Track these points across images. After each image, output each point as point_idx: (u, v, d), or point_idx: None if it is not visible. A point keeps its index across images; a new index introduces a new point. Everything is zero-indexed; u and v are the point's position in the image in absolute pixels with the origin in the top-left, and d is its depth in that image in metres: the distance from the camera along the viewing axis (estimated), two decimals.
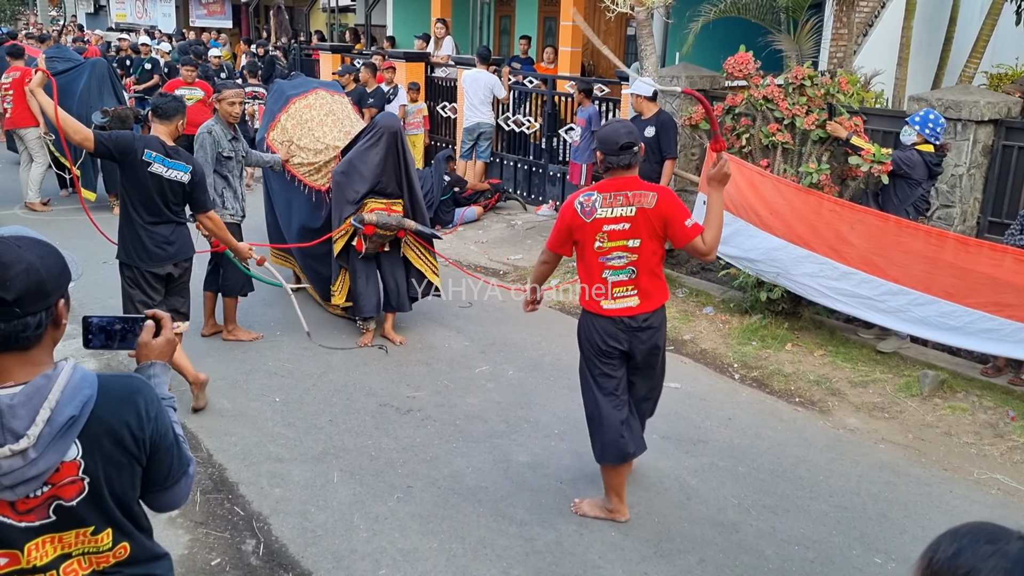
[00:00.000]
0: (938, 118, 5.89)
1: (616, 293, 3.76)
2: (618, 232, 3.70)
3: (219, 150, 5.84)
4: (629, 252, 3.71)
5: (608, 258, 3.73)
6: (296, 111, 7.01)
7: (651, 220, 3.67)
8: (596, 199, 3.72)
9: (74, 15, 30.23)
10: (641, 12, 7.20)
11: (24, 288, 1.57)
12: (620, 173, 3.72)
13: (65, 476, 1.62)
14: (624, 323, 3.77)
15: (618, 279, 3.75)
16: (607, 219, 3.70)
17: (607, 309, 3.77)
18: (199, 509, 4.07)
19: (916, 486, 4.49)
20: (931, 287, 5.38)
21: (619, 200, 3.69)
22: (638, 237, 3.69)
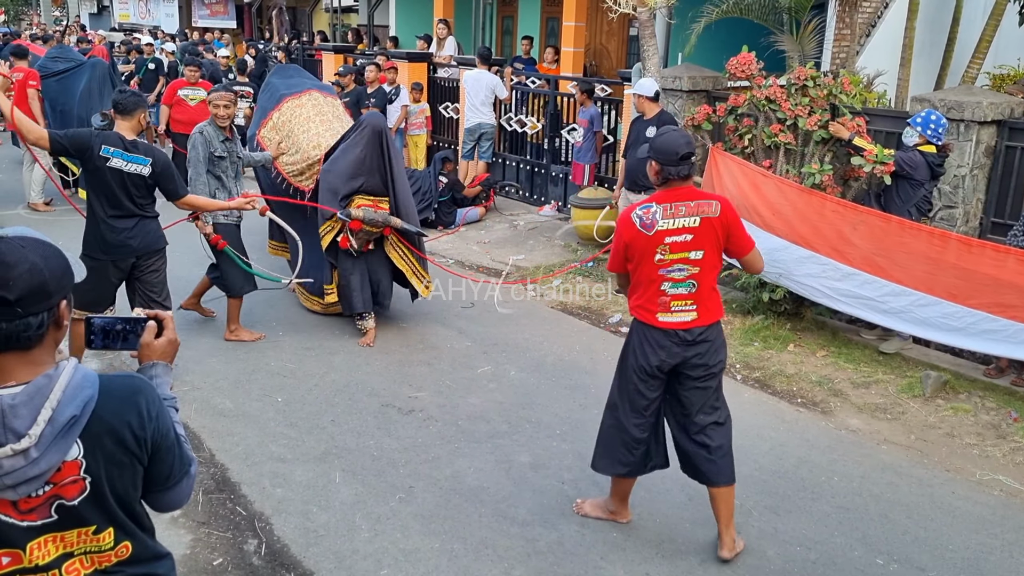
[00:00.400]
0: (940, 119, 5.89)
1: (675, 307, 3.61)
2: (680, 244, 3.56)
3: (211, 150, 5.87)
4: (691, 264, 3.58)
5: (669, 271, 3.58)
6: (288, 110, 7.02)
7: (716, 230, 3.56)
8: (656, 210, 3.56)
9: (77, 15, 30.29)
10: (644, 13, 7.20)
11: (27, 288, 1.57)
12: (678, 184, 3.58)
13: (67, 476, 1.63)
14: (679, 336, 3.61)
15: (677, 292, 3.60)
16: (669, 231, 3.55)
17: (663, 322, 3.62)
18: (201, 509, 4.08)
19: (918, 487, 4.49)
20: (934, 288, 5.38)
21: (681, 211, 3.55)
22: (701, 249, 3.57)
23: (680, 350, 3.62)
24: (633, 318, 3.76)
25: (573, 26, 12.58)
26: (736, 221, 3.63)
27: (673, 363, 3.65)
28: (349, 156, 6.09)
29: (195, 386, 5.36)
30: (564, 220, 9.68)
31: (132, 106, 5.06)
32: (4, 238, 1.60)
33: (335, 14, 17.81)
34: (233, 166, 6.06)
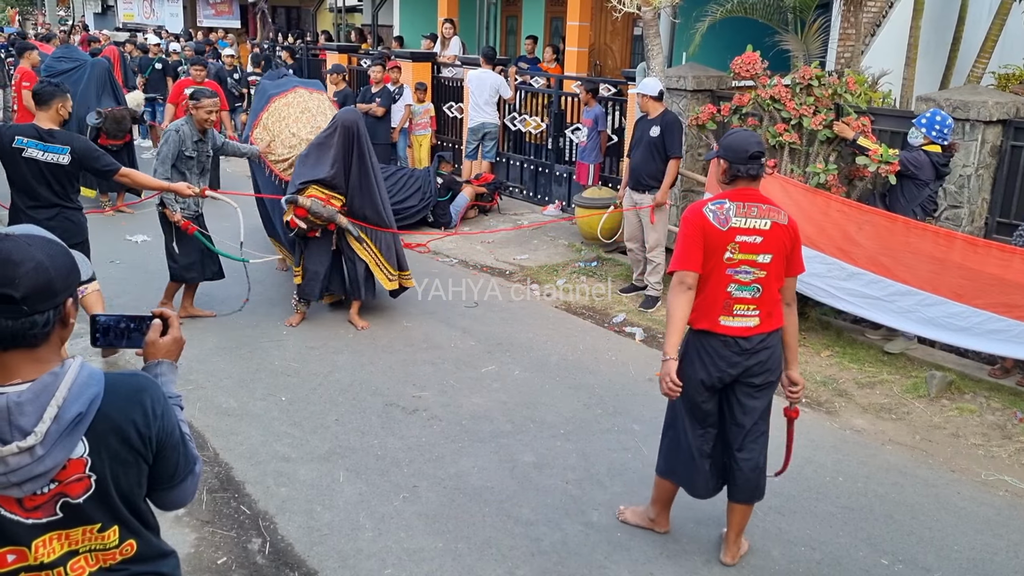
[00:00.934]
0: (945, 119, 5.87)
1: (737, 310, 3.46)
2: (750, 245, 3.41)
3: (182, 148, 6.05)
4: (757, 268, 3.43)
5: (736, 271, 3.43)
6: (276, 109, 7.24)
7: (783, 238, 3.45)
8: (729, 207, 3.43)
9: (82, 15, 30.34)
10: (648, 12, 7.20)
11: (32, 286, 1.58)
12: (746, 184, 3.49)
13: (72, 474, 1.63)
14: (739, 345, 3.48)
15: (742, 295, 3.45)
16: (741, 229, 3.41)
17: (724, 326, 3.47)
18: (205, 508, 4.08)
19: (923, 487, 4.47)
20: (939, 288, 5.37)
21: (754, 211, 3.43)
22: (770, 253, 3.43)
23: (740, 359, 3.49)
24: (688, 328, 3.56)
25: (577, 25, 12.58)
26: (799, 237, 3.54)
27: (734, 374, 3.51)
28: (317, 149, 6.29)
29: (199, 385, 5.37)
30: (568, 220, 9.68)
31: (48, 96, 5.14)
32: (10, 236, 1.60)
33: (339, 14, 17.81)
34: (200, 165, 6.24)
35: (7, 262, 1.56)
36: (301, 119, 7.10)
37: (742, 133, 3.60)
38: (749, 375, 3.52)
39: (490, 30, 13.37)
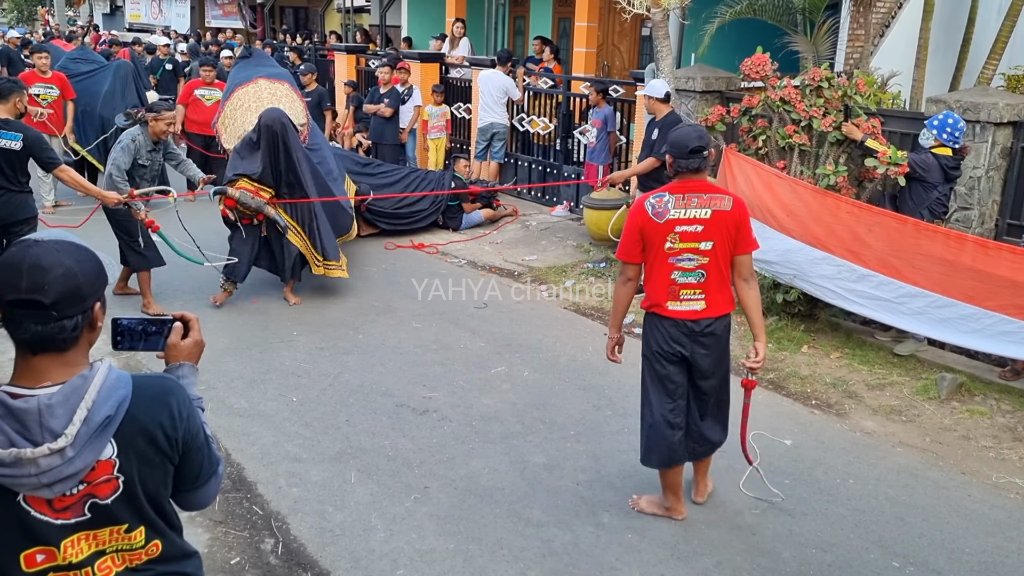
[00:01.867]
0: (957, 122, 5.86)
1: (683, 295, 3.72)
2: (690, 234, 3.66)
3: (137, 157, 6.45)
4: (700, 255, 3.68)
5: (678, 259, 3.69)
6: (238, 99, 7.65)
7: (727, 224, 3.66)
8: (668, 200, 3.68)
9: (90, 15, 30.44)
10: (657, 13, 7.20)
11: (62, 292, 1.60)
12: (690, 176, 3.70)
13: (100, 475, 1.65)
14: (687, 327, 3.73)
15: (687, 281, 3.71)
16: (680, 220, 3.66)
17: (672, 310, 3.74)
18: (218, 508, 4.10)
19: (934, 490, 4.47)
20: (950, 290, 5.36)
21: (693, 202, 3.66)
22: (711, 240, 3.66)
23: (688, 341, 3.74)
24: (644, 312, 3.89)
25: (585, 26, 12.58)
26: (747, 219, 3.73)
27: (687, 353, 3.77)
28: (247, 146, 6.73)
29: (210, 385, 5.39)
30: (576, 220, 9.69)
31: (7, 92, 5.82)
32: (39, 242, 1.62)
33: (347, 14, 17.84)
34: (152, 173, 6.65)
35: (36, 268, 1.58)
36: (253, 109, 7.42)
37: (686, 129, 3.82)
38: (697, 359, 3.79)
39: (498, 31, 13.38)
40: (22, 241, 1.64)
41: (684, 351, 3.77)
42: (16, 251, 1.61)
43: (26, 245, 1.61)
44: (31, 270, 1.58)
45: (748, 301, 3.83)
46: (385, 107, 10.63)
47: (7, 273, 1.59)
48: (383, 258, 8.48)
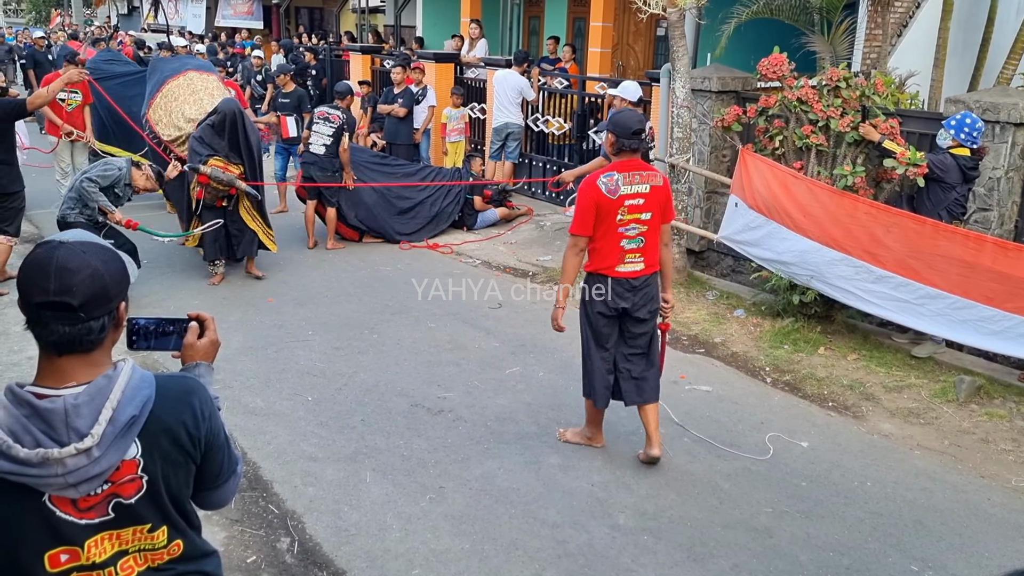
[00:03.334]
0: (975, 122, 5.81)
1: (628, 259, 4.35)
2: (635, 206, 4.27)
3: (115, 186, 6.86)
4: (641, 224, 4.30)
5: (626, 229, 4.29)
6: (169, 90, 8.27)
7: (660, 197, 4.33)
8: (618, 178, 4.24)
9: (108, 16, 30.65)
10: (673, 13, 7.17)
11: (90, 293, 1.60)
12: (629, 155, 4.29)
13: (125, 474, 1.65)
14: (630, 283, 4.38)
15: (631, 247, 4.33)
16: (628, 195, 4.25)
17: (619, 272, 4.36)
18: (234, 507, 4.11)
19: (953, 493, 4.44)
20: (970, 291, 5.31)
21: (636, 179, 4.27)
22: (650, 211, 4.30)
23: (630, 295, 4.39)
24: (587, 274, 4.48)
25: (600, 26, 12.56)
26: (670, 193, 4.47)
27: (625, 306, 4.40)
28: (210, 130, 7.40)
29: (226, 384, 5.41)
30: None
31: None
32: (65, 243, 1.62)
33: (362, 15, 17.88)
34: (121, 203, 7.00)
35: (64, 270, 1.59)
36: (190, 100, 8.19)
37: (627, 112, 4.47)
38: (636, 308, 4.42)
39: (513, 31, 13.37)
40: (47, 242, 1.64)
41: (626, 304, 4.40)
42: (42, 253, 1.61)
43: (52, 247, 1.62)
44: (59, 272, 1.58)
45: (666, 261, 4.56)
46: (399, 107, 10.64)
47: (35, 275, 1.59)
48: (398, 258, 8.50)
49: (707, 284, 7.58)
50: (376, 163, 9.33)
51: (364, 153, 9.50)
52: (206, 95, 8.30)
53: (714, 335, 6.52)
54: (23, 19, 36.66)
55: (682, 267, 7.63)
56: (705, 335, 6.51)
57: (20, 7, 37.81)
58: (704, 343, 6.40)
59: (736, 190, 6.81)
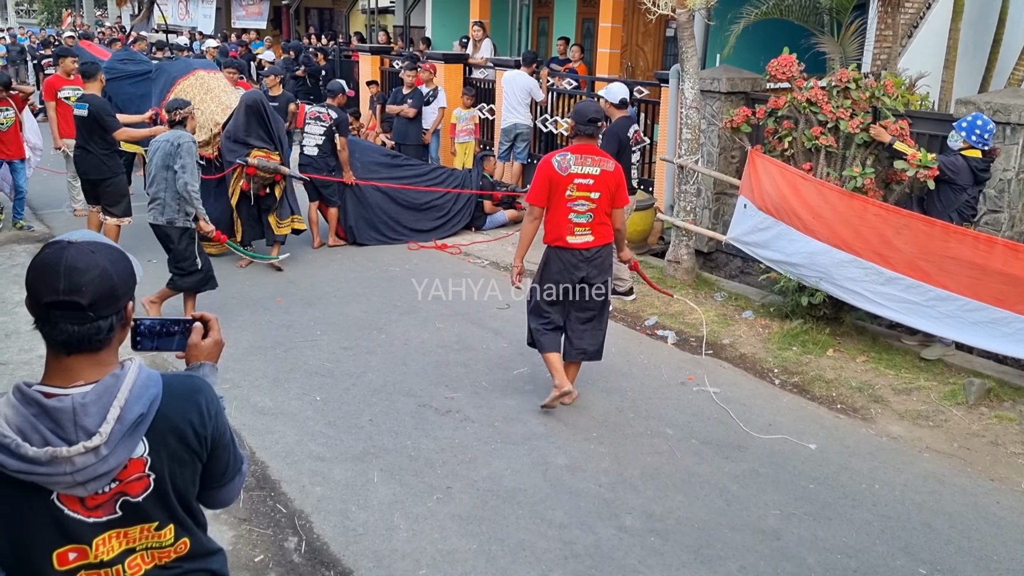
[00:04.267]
0: (986, 123, 5.78)
1: (578, 231, 4.91)
2: (584, 185, 4.84)
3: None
4: (590, 201, 4.86)
5: (574, 204, 4.86)
6: (182, 90, 8.26)
7: (609, 180, 4.86)
8: (570, 158, 4.85)
9: (119, 16, 30.78)
10: (682, 14, 7.16)
11: (98, 293, 1.61)
12: (585, 140, 4.91)
13: (132, 473, 1.66)
14: (582, 254, 4.93)
15: (580, 221, 4.89)
16: (578, 174, 4.83)
17: (570, 243, 4.92)
18: (242, 506, 4.13)
19: (962, 496, 4.42)
20: (980, 293, 5.29)
21: (588, 161, 4.85)
22: (599, 191, 4.85)
23: (583, 264, 4.94)
24: (547, 246, 5.03)
25: (609, 27, 12.55)
26: (623, 180, 4.98)
27: (580, 275, 4.95)
28: (238, 123, 7.73)
29: (235, 384, 5.43)
30: None
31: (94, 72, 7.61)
32: (74, 243, 1.63)
33: (372, 15, 17.91)
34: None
35: (74, 270, 1.59)
36: (206, 99, 8.31)
37: (587, 103, 5.10)
38: (590, 278, 4.98)
39: (522, 31, 13.37)
40: (56, 242, 1.65)
41: (580, 273, 4.94)
42: (51, 253, 1.62)
43: (60, 247, 1.62)
44: (68, 272, 1.59)
45: (620, 239, 5.20)
46: (408, 107, 10.66)
47: (45, 275, 1.60)
48: (406, 258, 8.51)
49: (715, 285, 7.57)
50: (387, 162, 9.32)
51: (375, 152, 9.49)
52: (221, 92, 8.44)
53: (722, 336, 6.51)
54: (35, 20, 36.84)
55: (691, 268, 7.61)
56: (713, 336, 6.49)
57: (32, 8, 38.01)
58: (712, 344, 6.38)
59: (745, 191, 6.80)
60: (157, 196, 6.15)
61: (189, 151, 6.08)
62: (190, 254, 6.25)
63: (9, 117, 8.77)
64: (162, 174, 6.08)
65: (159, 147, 6.13)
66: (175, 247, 6.23)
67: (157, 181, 6.12)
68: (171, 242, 6.22)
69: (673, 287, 7.45)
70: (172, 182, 6.06)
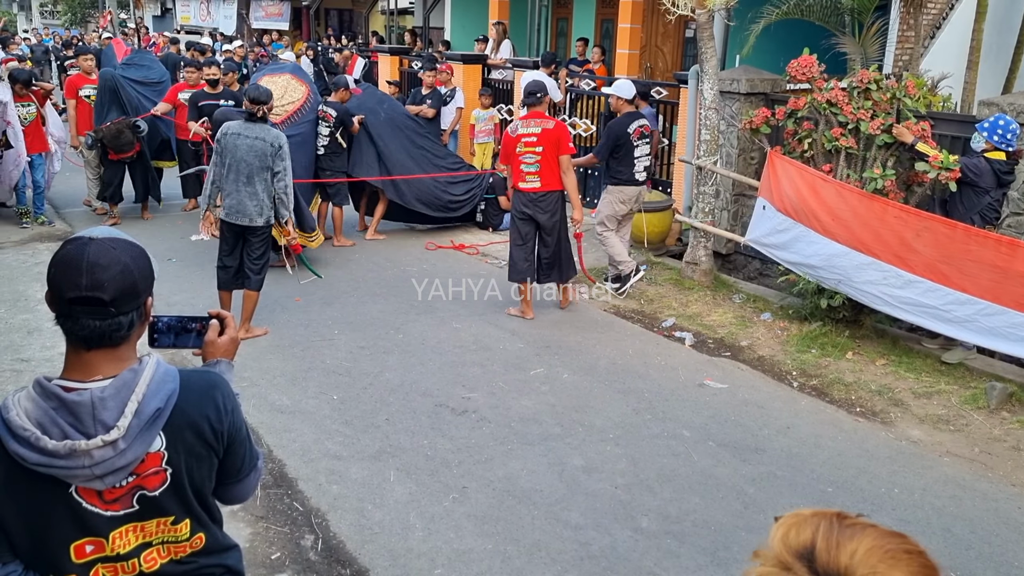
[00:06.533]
0: (1008, 123, 5.72)
1: (528, 179, 6.51)
2: (530, 142, 6.45)
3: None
4: (535, 154, 6.45)
5: (524, 156, 6.47)
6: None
7: (550, 136, 6.44)
8: (519, 124, 6.58)
9: (140, 16, 31.01)
10: (702, 15, 7.13)
11: (120, 289, 1.63)
12: (531, 109, 6.56)
13: (149, 467, 1.68)
14: (529, 196, 6.53)
15: (529, 170, 6.48)
16: (524, 134, 6.48)
17: (522, 187, 6.54)
18: (260, 503, 4.15)
19: (982, 501, 4.37)
20: (1001, 297, 5.22)
21: (532, 123, 6.51)
22: (541, 145, 6.43)
23: (532, 204, 6.54)
24: (514, 189, 6.66)
25: (628, 28, 12.51)
26: (562, 137, 6.52)
27: (529, 212, 6.56)
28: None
29: (253, 382, 5.46)
30: None
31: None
32: (95, 239, 1.65)
33: (391, 16, 17.97)
34: None
35: (96, 266, 1.61)
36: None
37: (532, 82, 6.77)
38: (540, 214, 6.56)
39: (541, 32, 13.37)
40: (77, 238, 1.66)
41: (529, 211, 6.55)
42: (73, 249, 1.63)
43: (82, 243, 1.64)
44: (91, 268, 1.61)
45: (568, 185, 6.58)
46: (427, 108, 10.68)
47: (67, 271, 1.62)
48: (423, 258, 8.53)
49: (734, 287, 7.53)
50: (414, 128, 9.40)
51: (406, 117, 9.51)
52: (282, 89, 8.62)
53: (740, 339, 6.47)
54: (59, 21, 37.20)
55: (708, 270, 7.58)
56: (731, 338, 6.46)
57: (56, 9, 38.39)
58: (730, 346, 6.35)
59: (764, 193, 6.76)
60: (255, 196, 5.94)
61: (288, 153, 6.02)
62: (267, 252, 6.26)
63: (31, 112, 8.89)
64: (261, 174, 5.91)
65: (251, 145, 5.89)
66: (258, 247, 6.13)
67: (254, 180, 5.91)
68: (256, 242, 6.10)
69: (691, 289, 7.43)
70: (270, 182, 5.95)
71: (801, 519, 1.06)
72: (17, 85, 8.73)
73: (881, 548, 1.00)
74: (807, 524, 1.05)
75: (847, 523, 1.04)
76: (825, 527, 1.03)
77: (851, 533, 1.02)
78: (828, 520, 1.04)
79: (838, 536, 1.02)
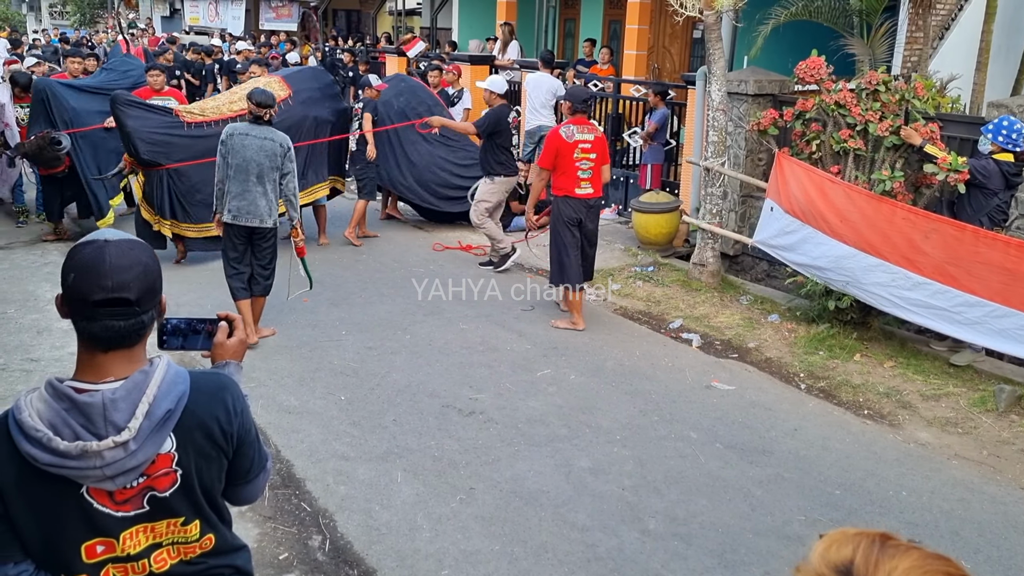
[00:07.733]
0: (1013, 124, 5.70)
1: (583, 185, 6.46)
2: (586, 148, 6.40)
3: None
4: (590, 161, 6.42)
5: (581, 163, 6.41)
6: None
7: (601, 143, 6.56)
8: (574, 129, 6.42)
9: (149, 17, 31.11)
10: (710, 16, 7.13)
11: (143, 287, 1.66)
12: (581, 115, 6.53)
13: (160, 468, 1.69)
14: (586, 203, 6.52)
15: (584, 176, 6.44)
16: (581, 140, 6.40)
17: (578, 194, 6.46)
18: (267, 504, 4.16)
19: (991, 504, 4.35)
20: (1010, 299, 5.21)
21: (585, 130, 6.46)
22: (595, 152, 6.45)
23: (585, 209, 6.53)
24: (555, 196, 6.58)
25: (636, 29, 12.51)
26: (606, 143, 6.76)
27: (581, 217, 6.50)
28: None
29: (261, 383, 5.48)
30: (625, 223, 9.64)
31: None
32: (111, 241, 1.67)
33: (399, 17, 17.99)
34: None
35: (119, 267, 1.64)
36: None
37: (579, 88, 7.27)
38: (589, 219, 6.60)
39: (548, 33, 13.37)
40: (91, 241, 1.67)
41: (582, 217, 6.50)
42: (92, 252, 1.65)
43: (98, 245, 1.65)
44: (114, 269, 1.63)
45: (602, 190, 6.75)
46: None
47: (91, 275, 1.63)
48: (431, 259, 8.54)
49: (741, 289, 7.52)
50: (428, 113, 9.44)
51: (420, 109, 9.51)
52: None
53: (748, 340, 6.46)
54: (68, 21, 37.30)
55: (716, 271, 7.57)
56: (739, 340, 6.46)
57: (66, 10, 38.50)
58: (737, 348, 6.35)
59: (772, 194, 6.75)
60: (266, 195, 5.90)
61: (294, 154, 6.03)
62: (275, 258, 6.18)
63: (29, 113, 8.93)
64: (271, 174, 5.87)
65: (261, 145, 5.82)
66: (267, 253, 6.10)
67: (264, 180, 5.86)
68: (264, 247, 6.06)
69: (699, 290, 7.42)
70: (278, 184, 5.92)
71: (844, 537, 1.07)
72: (17, 88, 8.83)
73: (920, 569, 1.01)
74: (849, 542, 1.06)
75: (890, 543, 1.04)
76: (866, 545, 1.04)
77: (892, 553, 1.03)
78: (870, 539, 1.05)
79: (878, 555, 1.03)
